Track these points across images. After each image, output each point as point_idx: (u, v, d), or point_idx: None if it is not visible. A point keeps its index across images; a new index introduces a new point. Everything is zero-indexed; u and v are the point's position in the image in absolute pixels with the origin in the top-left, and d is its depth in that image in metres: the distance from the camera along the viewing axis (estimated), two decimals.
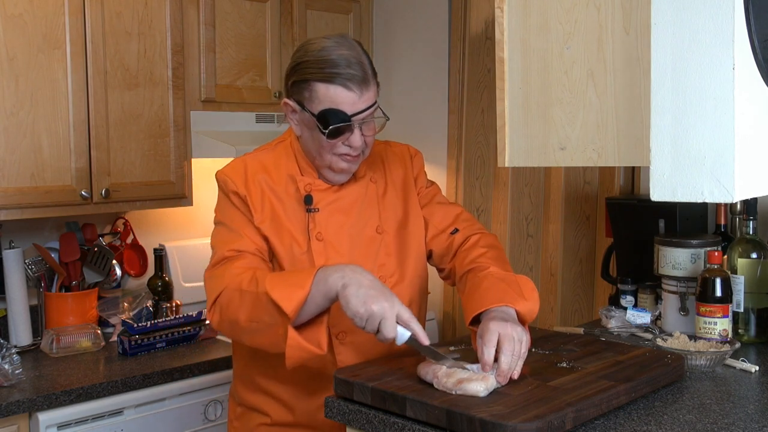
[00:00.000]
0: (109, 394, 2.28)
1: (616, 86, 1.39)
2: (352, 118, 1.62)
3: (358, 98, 1.62)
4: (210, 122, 2.86)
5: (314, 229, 1.71)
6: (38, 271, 2.65)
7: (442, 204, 1.88)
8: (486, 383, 1.39)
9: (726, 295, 1.92)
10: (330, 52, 1.61)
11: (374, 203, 1.79)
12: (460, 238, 1.81)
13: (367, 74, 1.62)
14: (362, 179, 1.79)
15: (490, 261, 1.70)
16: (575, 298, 2.85)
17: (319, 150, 1.68)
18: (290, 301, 1.46)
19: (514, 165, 1.55)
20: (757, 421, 1.40)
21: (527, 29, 1.51)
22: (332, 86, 1.60)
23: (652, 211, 2.29)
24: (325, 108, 1.62)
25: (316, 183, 1.74)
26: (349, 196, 1.77)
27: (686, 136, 1.20)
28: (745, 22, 1.16)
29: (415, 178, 1.87)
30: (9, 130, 2.36)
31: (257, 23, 2.97)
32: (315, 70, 1.61)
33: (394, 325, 1.45)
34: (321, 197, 1.74)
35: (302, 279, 1.49)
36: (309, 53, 1.64)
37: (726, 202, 1.32)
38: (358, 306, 1.44)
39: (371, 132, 1.69)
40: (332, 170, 1.71)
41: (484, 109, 3.06)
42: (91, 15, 2.50)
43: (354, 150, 1.67)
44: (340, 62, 1.60)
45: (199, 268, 3.07)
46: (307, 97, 1.64)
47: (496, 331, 1.46)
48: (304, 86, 1.64)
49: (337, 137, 1.64)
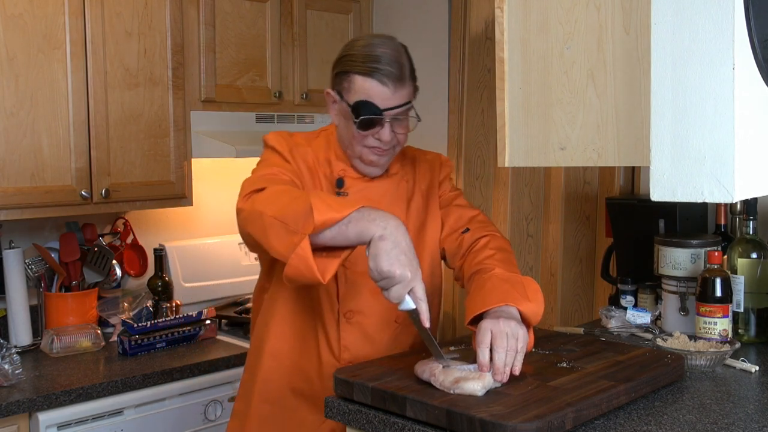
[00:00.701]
0: (109, 394, 2.28)
1: (616, 86, 1.39)
2: (383, 112, 1.69)
3: (391, 94, 1.68)
4: (210, 122, 2.86)
5: None
6: (38, 271, 2.65)
7: (461, 206, 1.90)
8: (483, 382, 1.39)
9: (726, 295, 1.92)
10: (374, 49, 1.69)
11: (402, 201, 1.83)
12: (470, 239, 1.82)
13: (404, 73, 1.70)
14: (394, 176, 1.84)
15: (497, 263, 1.70)
16: (575, 298, 2.85)
17: (351, 140, 1.75)
18: (322, 214, 1.43)
19: (514, 165, 1.55)
20: (757, 421, 1.40)
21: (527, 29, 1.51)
22: (369, 79, 1.68)
23: (652, 211, 2.29)
24: (360, 99, 1.69)
25: (349, 170, 1.80)
26: (379, 187, 1.82)
27: (686, 136, 1.20)
28: (745, 22, 1.16)
29: (440, 182, 1.91)
30: (9, 130, 2.36)
31: (257, 23, 2.97)
32: (356, 63, 1.69)
33: (404, 294, 1.44)
34: (352, 183, 1.80)
35: (342, 206, 1.46)
36: (354, 48, 1.72)
37: (726, 202, 1.32)
38: (384, 263, 1.42)
39: (402, 130, 1.75)
40: (362, 161, 1.77)
41: (484, 109, 3.06)
42: (91, 15, 2.50)
43: (384, 144, 1.73)
44: (380, 58, 1.67)
45: (199, 268, 3.07)
46: (346, 88, 1.72)
47: (488, 330, 1.46)
48: (345, 77, 1.72)
49: (368, 129, 1.70)
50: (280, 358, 1.80)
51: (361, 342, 1.75)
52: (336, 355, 1.76)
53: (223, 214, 3.25)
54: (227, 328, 2.93)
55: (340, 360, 1.76)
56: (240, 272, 3.18)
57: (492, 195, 3.05)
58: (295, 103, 3.12)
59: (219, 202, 3.24)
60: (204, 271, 3.09)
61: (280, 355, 1.80)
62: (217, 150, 2.77)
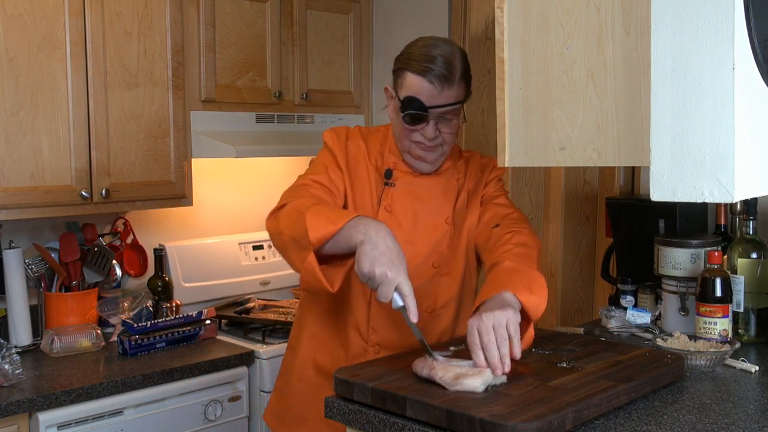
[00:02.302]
0: (109, 394, 2.28)
1: (616, 86, 1.39)
2: (429, 109, 1.76)
3: (438, 93, 1.75)
4: (210, 122, 2.86)
5: (385, 200, 1.84)
6: (38, 271, 2.65)
7: (499, 204, 1.92)
8: (482, 378, 1.40)
9: (726, 295, 1.92)
10: (430, 50, 1.76)
11: (450, 197, 1.89)
12: (499, 233, 1.82)
13: (453, 74, 1.76)
14: (445, 172, 1.90)
15: (511, 257, 1.69)
16: (575, 298, 2.85)
17: (400, 134, 1.83)
18: (317, 231, 1.58)
19: (514, 165, 1.55)
20: (757, 421, 1.40)
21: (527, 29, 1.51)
22: (418, 77, 1.75)
23: (652, 211, 2.29)
24: (408, 95, 1.77)
25: (400, 164, 1.88)
26: (428, 182, 1.88)
27: (686, 136, 1.20)
28: (745, 22, 1.16)
29: (486, 182, 1.94)
30: (9, 130, 2.36)
31: (257, 23, 2.97)
32: (412, 61, 1.77)
33: (390, 292, 1.52)
34: (401, 176, 1.87)
35: (339, 218, 1.60)
36: (414, 47, 1.80)
37: (726, 202, 1.32)
38: (365, 264, 1.53)
39: (448, 129, 1.80)
40: (411, 156, 1.84)
41: (484, 109, 3.06)
42: (91, 15, 2.50)
43: (428, 141, 1.79)
44: (434, 59, 1.75)
45: (199, 268, 3.07)
46: (400, 84, 1.81)
47: (473, 328, 1.48)
48: (400, 74, 1.80)
49: (414, 124, 1.78)
50: (315, 340, 1.90)
51: (390, 326, 1.81)
52: (364, 337, 1.83)
53: (223, 214, 3.25)
54: (227, 328, 2.93)
55: (368, 341, 1.83)
56: (240, 272, 3.18)
57: None
58: (295, 103, 3.12)
59: (219, 202, 3.24)
60: (204, 271, 3.09)
61: (315, 337, 1.90)
62: (217, 150, 2.77)
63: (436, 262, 1.85)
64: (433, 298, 1.85)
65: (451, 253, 1.87)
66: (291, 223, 1.66)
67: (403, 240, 1.76)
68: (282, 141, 3.01)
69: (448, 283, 1.87)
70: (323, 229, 1.57)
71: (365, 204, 1.85)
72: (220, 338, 2.77)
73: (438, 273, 1.85)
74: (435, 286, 1.85)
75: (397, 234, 1.72)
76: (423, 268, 1.83)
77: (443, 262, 1.86)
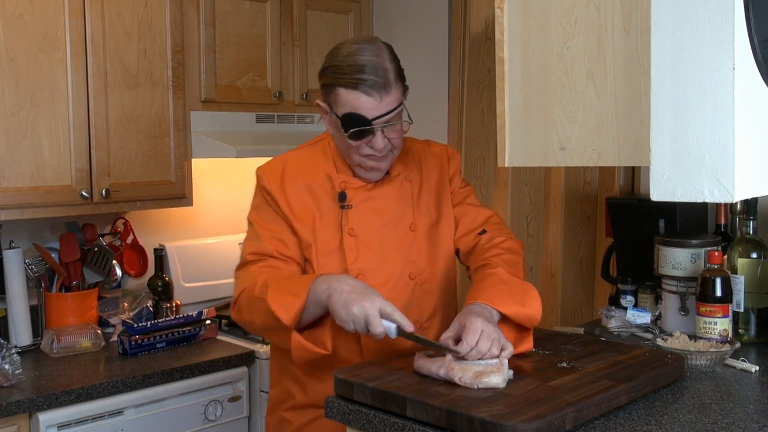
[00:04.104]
0: (109, 394, 2.28)
1: (616, 86, 1.39)
2: (372, 122, 1.67)
3: (378, 103, 1.66)
4: (210, 122, 2.86)
5: (347, 225, 1.77)
6: (38, 271, 2.65)
7: (474, 205, 1.92)
8: (503, 375, 1.43)
9: (726, 295, 1.92)
10: (355, 58, 1.66)
11: (408, 202, 1.83)
12: (486, 240, 1.85)
13: (388, 80, 1.66)
14: (397, 178, 1.84)
15: (501, 262, 1.75)
16: (575, 298, 2.85)
17: (347, 150, 1.75)
18: (287, 311, 1.59)
19: (514, 165, 1.56)
20: (757, 421, 1.40)
21: (527, 29, 1.51)
22: (353, 92, 1.65)
23: (652, 211, 2.29)
24: (347, 112, 1.67)
25: (351, 181, 1.80)
26: (383, 194, 1.82)
27: (686, 136, 1.20)
28: (745, 22, 1.16)
29: (450, 178, 1.91)
30: (9, 130, 2.36)
31: (257, 23, 2.97)
32: (339, 75, 1.67)
33: (379, 321, 1.52)
34: (355, 194, 1.79)
35: (300, 288, 1.60)
36: (336, 58, 1.70)
37: (726, 202, 1.32)
38: (341, 311, 1.54)
39: (395, 134, 1.72)
40: (363, 168, 1.77)
41: (484, 109, 3.06)
42: (91, 15, 2.50)
43: (378, 152, 1.72)
44: (363, 68, 1.65)
45: (199, 268, 3.07)
46: (333, 100, 1.70)
47: (479, 329, 1.52)
48: (331, 90, 1.70)
49: (360, 140, 1.70)
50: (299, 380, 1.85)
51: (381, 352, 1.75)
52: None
53: (223, 214, 3.25)
54: (227, 328, 2.92)
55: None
56: None
57: (492, 195, 3.05)
58: (295, 103, 3.12)
59: (219, 202, 3.24)
60: (204, 271, 3.09)
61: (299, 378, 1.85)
62: (217, 150, 2.77)
63: (413, 273, 1.79)
64: (418, 312, 1.79)
65: (423, 257, 1.81)
66: (257, 312, 1.66)
67: (377, 261, 1.75)
68: (282, 141, 3.00)
69: (430, 292, 1.81)
70: (291, 307, 1.58)
71: (328, 234, 1.76)
72: (220, 338, 2.77)
73: (417, 284, 1.79)
74: (417, 299, 1.80)
75: (368, 256, 1.75)
76: (402, 283, 1.78)
77: (419, 270, 1.80)
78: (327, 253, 1.75)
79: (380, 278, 1.75)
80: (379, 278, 1.75)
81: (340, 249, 1.75)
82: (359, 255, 1.75)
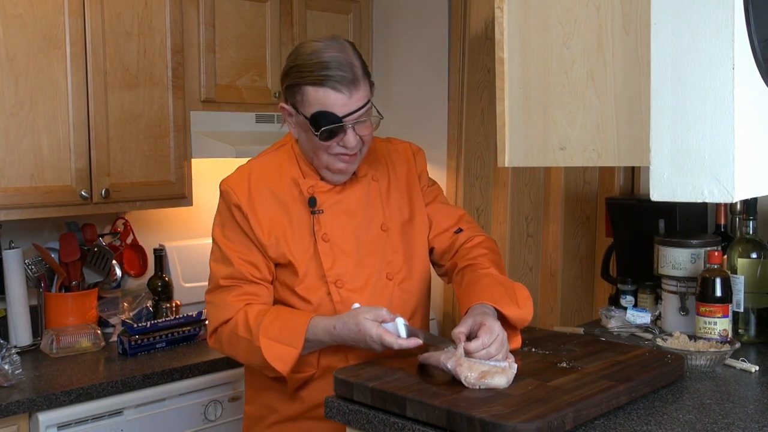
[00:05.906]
0: (109, 394, 2.28)
1: (616, 86, 1.39)
2: (343, 119, 1.63)
3: (348, 99, 1.62)
4: (210, 122, 2.86)
5: (320, 231, 1.74)
6: (38, 271, 2.65)
7: (445, 204, 1.92)
8: (507, 376, 1.43)
9: (726, 295, 1.92)
10: (320, 56, 1.62)
11: (377, 201, 1.81)
12: (463, 238, 1.85)
13: (356, 75, 1.63)
14: (364, 178, 1.81)
15: (490, 263, 1.76)
16: (575, 298, 2.85)
17: (315, 151, 1.71)
18: (284, 363, 1.62)
19: (514, 165, 1.56)
20: (757, 421, 1.40)
21: (527, 29, 1.51)
22: (321, 89, 1.62)
23: (652, 211, 2.29)
24: (317, 111, 1.63)
25: (318, 185, 1.76)
26: (352, 196, 1.79)
27: (686, 136, 1.20)
28: (745, 22, 1.16)
29: (418, 175, 1.90)
30: (9, 130, 2.36)
31: (257, 23, 2.97)
32: (305, 73, 1.63)
33: (393, 337, 1.55)
34: (324, 199, 1.76)
35: (294, 338, 1.62)
36: (299, 57, 1.66)
37: (726, 202, 1.32)
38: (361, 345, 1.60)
39: (366, 131, 1.69)
40: (330, 171, 1.73)
41: (484, 109, 3.06)
42: (91, 15, 2.50)
43: (350, 150, 1.68)
44: (329, 65, 1.61)
45: (199, 268, 3.07)
46: (300, 101, 1.66)
47: (496, 334, 1.52)
48: (296, 90, 1.66)
49: (331, 139, 1.66)
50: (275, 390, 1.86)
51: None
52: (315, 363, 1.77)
53: None
54: None
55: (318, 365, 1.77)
56: None
57: (492, 195, 3.05)
58: None
59: None
60: (204, 271, 3.05)
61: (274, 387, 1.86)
62: (217, 150, 2.77)
63: (390, 273, 1.78)
64: (400, 313, 1.73)
65: (399, 256, 1.80)
66: (241, 350, 1.69)
67: (354, 265, 1.74)
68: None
69: (409, 291, 1.80)
70: (287, 359, 1.62)
71: (302, 243, 1.73)
72: None
73: (395, 284, 1.78)
74: (398, 300, 1.78)
75: (345, 261, 1.74)
76: (381, 285, 1.76)
77: (395, 269, 1.78)
78: (302, 260, 1.73)
79: (359, 282, 1.74)
80: (358, 282, 1.74)
81: (315, 255, 1.73)
82: (335, 260, 1.73)
